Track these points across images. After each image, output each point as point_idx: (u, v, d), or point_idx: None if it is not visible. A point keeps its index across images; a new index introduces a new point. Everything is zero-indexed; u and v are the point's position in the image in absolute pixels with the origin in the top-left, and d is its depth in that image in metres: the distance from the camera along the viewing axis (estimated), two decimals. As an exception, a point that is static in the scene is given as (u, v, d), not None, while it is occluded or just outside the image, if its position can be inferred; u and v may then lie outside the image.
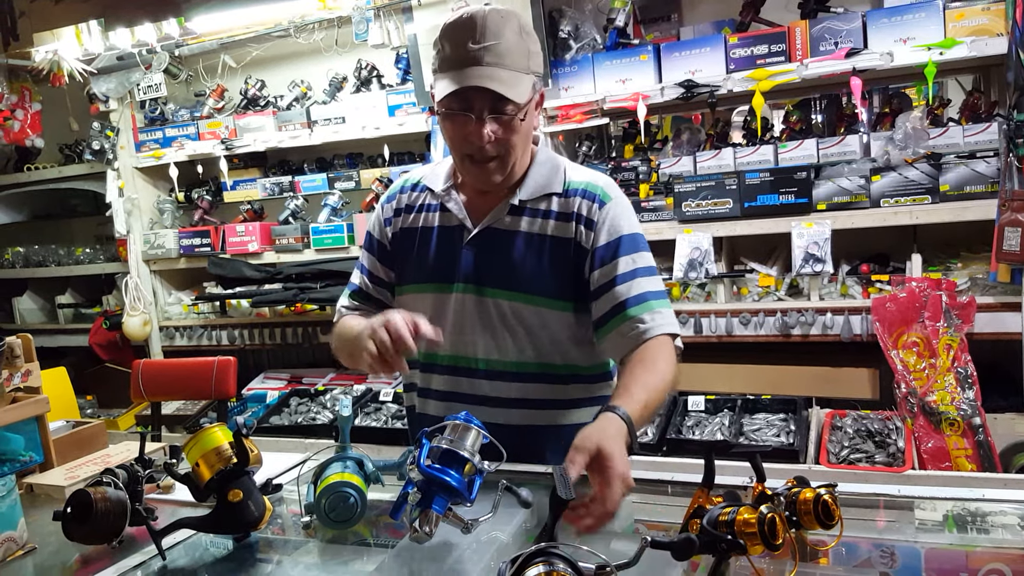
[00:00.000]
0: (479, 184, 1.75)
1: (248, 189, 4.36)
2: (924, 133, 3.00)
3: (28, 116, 4.83)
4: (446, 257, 1.79)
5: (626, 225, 1.73)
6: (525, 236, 1.74)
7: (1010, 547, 1.41)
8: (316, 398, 3.97)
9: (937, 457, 2.81)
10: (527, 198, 1.76)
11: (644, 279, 1.70)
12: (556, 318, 1.76)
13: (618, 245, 1.71)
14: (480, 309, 1.76)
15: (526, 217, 1.75)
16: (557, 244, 1.73)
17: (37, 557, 1.57)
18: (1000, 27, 2.81)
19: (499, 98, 1.60)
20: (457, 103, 1.62)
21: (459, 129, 1.65)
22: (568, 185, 1.77)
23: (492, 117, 1.62)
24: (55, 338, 4.98)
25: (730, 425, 3.11)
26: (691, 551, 1.15)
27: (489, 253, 1.76)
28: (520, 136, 1.68)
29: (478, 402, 1.76)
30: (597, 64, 3.41)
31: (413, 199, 1.88)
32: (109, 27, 3.95)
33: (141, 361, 3.36)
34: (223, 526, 1.49)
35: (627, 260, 1.70)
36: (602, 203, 1.73)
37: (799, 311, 3.10)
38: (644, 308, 1.66)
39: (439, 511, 1.33)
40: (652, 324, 1.64)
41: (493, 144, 1.64)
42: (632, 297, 1.66)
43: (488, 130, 1.62)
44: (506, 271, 1.74)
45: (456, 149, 1.71)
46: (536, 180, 1.77)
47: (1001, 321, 2.86)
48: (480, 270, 1.76)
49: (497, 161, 1.68)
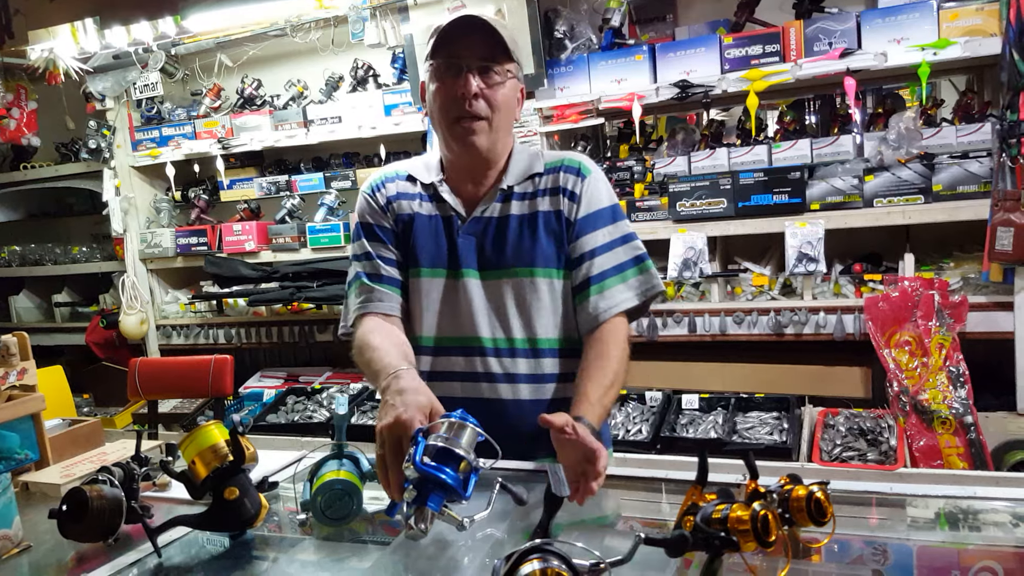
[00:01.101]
0: (467, 150, 1.78)
1: (245, 188, 4.36)
2: (917, 133, 3.02)
3: (24, 115, 4.83)
4: (445, 245, 1.84)
5: (605, 198, 1.84)
6: (518, 218, 1.81)
7: (1001, 545, 1.41)
8: (312, 396, 3.97)
9: (929, 455, 2.82)
10: (514, 182, 1.83)
11: (618, 249, 1.80)
12: (554, 287, 1.82)
13: (597, 217, 1.81)
14: (486, 291, 1.81)
15: (515, 200, 1.83)
16: (548, 217, 1.81)
17: (33, 555, 1.56)
18: (994, 27, 2.82)
19: (488, 56, 1.71)
20: (448, 56, 1.72)
21: (447, 88, 1.72)
22: (548, 164, 1.86)
23: (481, 68, 1.71)
24: (52, 336, 4.99)
25: (723, 423, 3.12)
26: (685, 548, 1.16)
27: (486, 238, 1.82)
28: (503, 106, 1.75)
29: (491, 379, 1.81)
30: (592, 64, 3.42)
31: (402, 188, 1.90)
32: (105, 25, 3.94)
33: (138, 359, 3.36)
34: (219, 524, 1.50)
35: (604, 232, 1.80)
36: (583, 176, 1.83)
37: (792, 310, 3.11)
38: (602, 287, 1.77)
39: (434, 508, 1.33)
40: (608, 305, 1.76)
41: (480, 101, 1.71)
42: (595, 275, 1.78)
43: (476, 82, 1.70)
44: (504, 251, 1.80)
45: (444, 115, 1.75)
46: (519, 165, 1.85)
47: (993, 320, 2.87)
48: (480, 255, 1.81)
49: (484, 122, 1.74)
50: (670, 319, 3.32)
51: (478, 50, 1.71)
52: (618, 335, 1.76)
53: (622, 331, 1.77)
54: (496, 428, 1.56)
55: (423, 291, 1.85)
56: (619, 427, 3.24)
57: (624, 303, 1.78)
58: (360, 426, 3.52)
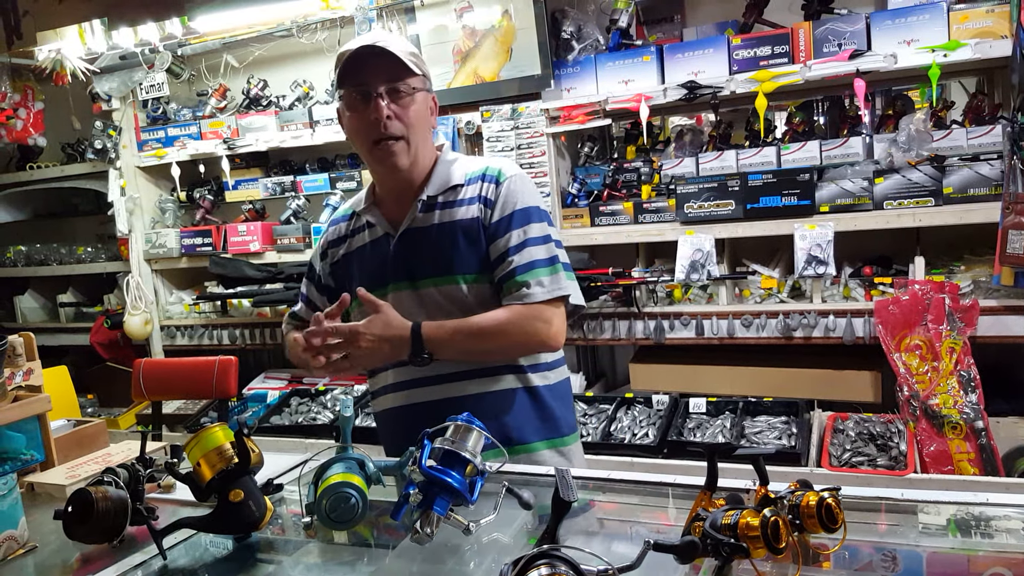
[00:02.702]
0: (388, 170, 1.89)
1: (250, 189, 4.36)
2: (927, 135, 3.00)
3: (31, 115, 4.84)
4: (377, 264, 1.95)
5: (520, 200, 1.90)
6: (439, 227, 1.90)
7: (1013, 552, 1.40)
8: (317, 398, 3.97)
9: (939, 461, 2.80)
10: (434, 193, 1.92)
11: (533, 248, 1.87)
12: (482, 292, 1.90)
13: (511, 219, 1.88)
14: (416, 299, 1.90)
15: (437, 211, 1.92)
16: (467, 226, 1.89)
17: (38, 556, 1.56)
18: (1004, 29, 2.80)
19: (391, 77, 1.80)
20: (355, 85, 1.82)
21: (360, 115, 1.82)
22: (469, 175, 1.94)
23: (388, 90, 1.80)
24: (56, 337, 4.99)
25: (731, 427, 3.11)
26: (694, 554, 1.15)
27: (413, 249, 1.92)
28: (418, 120, 1.85)
29: (430, 382, 1.90)
30: (600, 65, 3.40)
31: (344, 228, 2.06)
32: (112, 26, 3.94)
33: (142, 360, 3.35)
34: (224, 526, 1.49)
35: (519, 232, 1.87)
36: (498, 182, 1.91)
37: (801, 313, 3.09)
38: (529, 275, 1.85)
39: (440, 512, 1.32)
40: (532, 291, 1.84)
41: (393, 121, 1.81)
42: (520, 265, 1.85)
43: (385, 104, 1.79)
44: (431, 260, 1.90)
45: (363, 140, 1.86)
46: (440, 177, 1.94)
47: (1004, 324, 2.85)
48: (409, 265, 1.91)
49: (402, 142, 1.84)
50: (677, 322, 3.30)
51: (383, 73, 1.80)
52: (517, 312, 1.84)
53: (522, 312, 1.84)
54: None
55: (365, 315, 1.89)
56: (625, 431, 3.23)
57: (530, 297, 1.85)
58: (365, 428, 3.51)
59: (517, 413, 1.91)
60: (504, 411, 1.90)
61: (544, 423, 1.95)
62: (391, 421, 2.02)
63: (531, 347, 1.91)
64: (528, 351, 1.93)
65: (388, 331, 1.79)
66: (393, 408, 1.98)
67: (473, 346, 1.84)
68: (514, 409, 1.91)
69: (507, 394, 1.91)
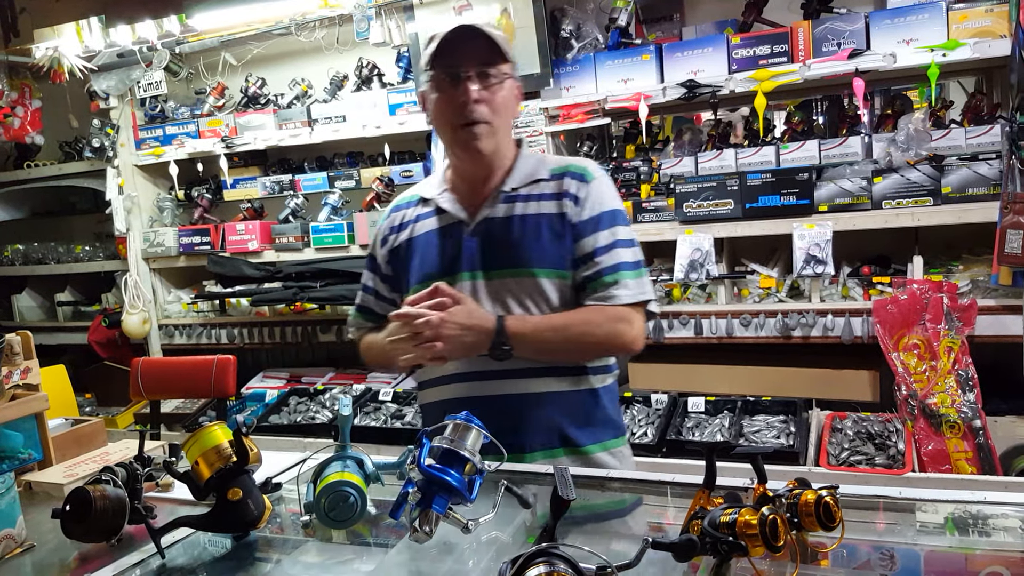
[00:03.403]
0: (471, 155, 1.87)
1: (248, 187, 4.35)
2: (926, 135, 3.00)
3: (28, 113, 4.82)
4: (449, 252, 1.90)
5: (608, 201, 1.89)
6: (520, 219, 1.87)
7: (1011, 550, 1.40)
8: (315, 397, 3.96)
9: (937, 460, 2.81)
10: (517, 185, 1.90)
11: (621, 250, 1.86)
12: (554, 288, 1.86)
13: (599, 219, 1.86)
14: (489, 290, 1.86)
15: (519, 203, 1.89)
16: (551, 220, 1.86)
17: (36, 555, 1.56)
18: (1003, 29, 2.81)
19: (484, 61, 1.78)
20: (446, 66, 1.80)
21: (448, 97, 1.81)
22: (552, 170, 1.92)
23: (479, 73, 1.78)
24: (54, 336, 4.98)
25: (730, 426, 3.11)
26: (692, 552, 1.15)
27: (491, 238, 1.88)
28: (503, 108, 1.84)
29: (492, 376, 1.85)
30: (599, 64, 3.40)
31: (409, 214, 2.02)
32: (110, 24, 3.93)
33: (140, 359, 3.35)
34: (222, 525, 1.49)
35: (607, 233, 1.86)
36: (587, 181, 1.89)
37: (800, 313, 3.09)
38: (615, 276, 1.83)
39: (439, 511, 1.32)
40: (618, 292, 1.83)
41: (480, 105, 1.79)
42: (607, 267, 1.84)
43: (475, 87, 1.78)
44: (510, 251, 1.86)
45: (447, 123, 1.84)
46: (523, 170, 1.92)
47: (1002, 324, 2.85)
48: (485, 255, 1.87)
49: (487, 126, 1.81)
50: (676, 321, 3.30)
51: (474, 56, 1.79)
52: (602, 312, 1.83)
53: (607, 313, 1.83)
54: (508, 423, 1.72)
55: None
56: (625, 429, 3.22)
57: (637, 296, 1.85)
58: (364, 427, 3.51)
59: (577, 414, 1.89)
60: (565, 411, 1.88)
61: (601, 426, 1.94)
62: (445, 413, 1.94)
63: (612, 348, 1.90)
64: (608, 352, 1.92)
65: (471, 320, 1.75)
66: (450, 400, 1.91)
67: (555, 343, 1.82)
68: (575, 410, 1.89)
69: (570, 395, 1.89)
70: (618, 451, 1.97)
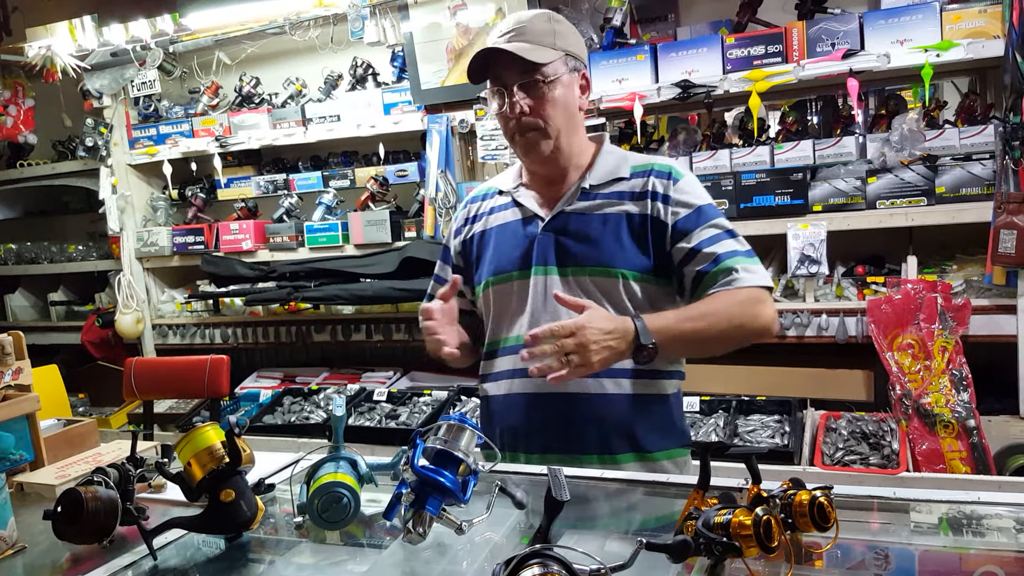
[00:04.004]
0: (532, 161, 1.89)
1: (242, 187, 4.34)
2: (920, 135, 3.00)
3: (21, 112, 4.81)
4: (522, 246, 1.89)
5: (703, 198, 1.85)
6: (600, 217, 1.85)
7: (1004, 550, 1.40)
8: (309, 397, 3.95)
9: (931, 459, 2.81)
10: (597, 183, 1.88)
11: (729, 240, 1.81)
12: (637, 289, 1.83)
13: (699, 214, 1.82)
14: (564, 287, 1.83)
15: (599, 200, 1.87)
16: (633, 220, 1.83)
17: (27, 556, 1.55)
18: (997, 29, 2.81)
19: (523, 69, 1.77)
20: (491, 80, 1.84)
21: (500, 110, 1.83)
22: (634, 168, 1.89)
23: (520, 86, 1.78)
24: (47, 336, 4.96)
25: (725, 426, 3.11)
26: (687, 553, 1.15)
27: (567, 234, 1.86)
28: (556, 107, 1.81)
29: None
30: (594, 64, 3.40)
31: (484, 206, 2.03)
32: (103, 23, 3.93)
33: (134, 359, 3.35)
34: (215, 526, 1.48)
35: (710, 227, 1.81)
36: (675, 180, 1.85)
37: (794, 312, 3.10)
38: (735, 261, 1.77)
39: (433, 512, 1.32)
40: (742, 275, 1.75)
41: (528, 115, 1.79)
42: (723, 253, 1.78)
43: (519, 99, 1.78)
44: (586, 248, 1.83)
45: (506, 134, 1.87)
46: (604, 167, 1.90)
47: (996, 323, 2.86)
48: (560, 250, 1.85)
49: (538, 132, 1.81)
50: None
51: (514, 67, 1.78)
52: (744, 296, 1.74)
53: (748, 295, 1.74)
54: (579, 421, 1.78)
55: (499, 296, 1.90)
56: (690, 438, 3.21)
57: (742, 281, 1.75)
58: (357, 427, 3.51)
59: (649, 419, 1.86)
60: (637, 415, 1.85)
61: (669, 433, 1.91)
62: (511, 407, 1.91)
63: (752, 333, 1.78)
64: (750, 337, 1.80)
65: (610, 323, 1.64)
66: (516, 394, 1.88)
67: (698, 333, 1.72)
68: (646, 414, 1.86)
69: (643, 399, 1.85)
70: (682, 460, 1.93)
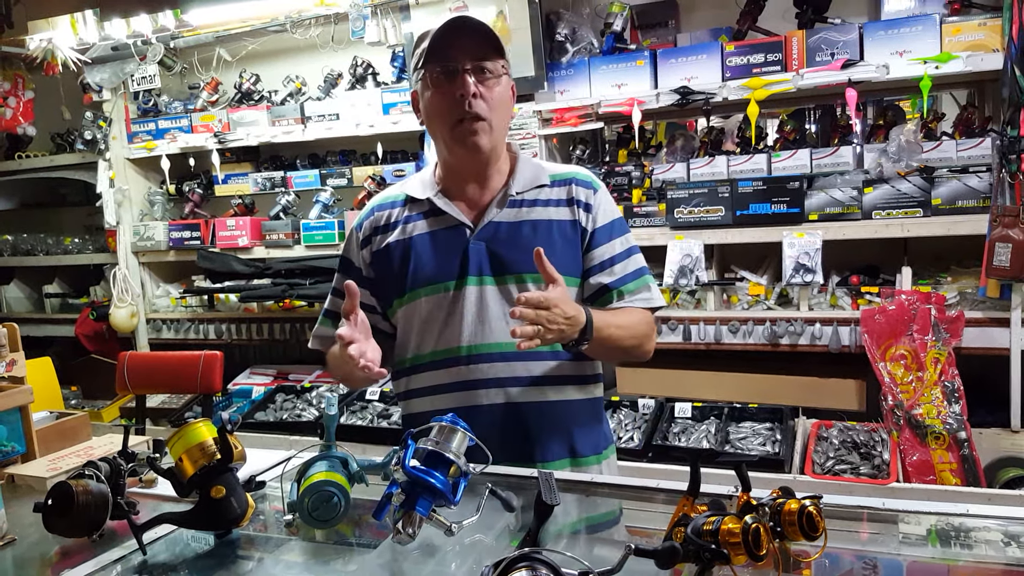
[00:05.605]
0: (469, 152, 1.78)
1: (240, 183, 4.34)
2: (917, 146, 3.01)
3: (20, 104, 4.81)
4: (452, 256, 1.82)
5: (615, 211, 1.91)
6: (530, 223, 1.83)
7: (992, 563, 1.41)
8: (302, 395, 3.95)
9: (922, 470, 2.82)
10: (522, 189, 1.85)
11: (636, 256, 1.89)
12: (575, 294, 1.84)
13: (612, 227, 1.87)
14: (503, 295, 1.80)
15: (526, 207, 1.85)
16: (563, 226, 1.84)
17: (17, 549, 1.55)
18: (996, 43, 2.82)
19: (480, 55, 1.73)
20: (441, 61, 1.73)
21: (444, 92, 1.73)
22: (553, 176, 1.90)
23: (475, 68, 1.72)
24: (41, 328, 4.96)
25: (716, 433, 3.11)
26: (675, 559, 1.15)
27: (499, 243, 1.81)
28: (503, 104, 1.78)
29: (496, 384, 1.80)
30: (593, 68, 3.41)
31: (396, 215, 1.90)
32: (104, 17, 3.93)
33: (127, 353, 3.34)
34: (205, 522, 1.48)
35: (622, 240, 1.87)
36: (595, 189, 1.89)
37: (788, 321, 3.10)
38: (645, 280, 1.88)
39: (423, 513, 1.32)
40: (649, 296, 1.87)
41: (478, 100, 1.72)
42: (633, 271, 1.86)
43: (472, 81, 1.71)
44: (521, 256, 1.79)
45: (444, 120, 1.76)
46: (525, 174, 1.88)
47: (989, 336, 2.87)
48: (494, 260, 1.81)
49: (485, 123, 1.74)
50: (664, 326, 3.31)
51: (471, 51, 1.73)
52: (645, 315, 1.86)
53: (647, 316, 1.87)
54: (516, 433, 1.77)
55: (429, 307, 1.82)
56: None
57: (649, 302, 1.87)
58: (349, 426, 3.51)
59: (584, 425, 1.87)
60: (575, 422, 1.86)
61: (599, 436, 1.93)
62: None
63: (644, 353, 1.88)
64: (639, 357, 1.89)
65: (572, 308, 1.63)
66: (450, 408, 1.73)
67: (617, 341, 1.77)
68: (582, 420, 1.87)
69: (580, 404, 1.87)
70: (609, 461, 1.96)
